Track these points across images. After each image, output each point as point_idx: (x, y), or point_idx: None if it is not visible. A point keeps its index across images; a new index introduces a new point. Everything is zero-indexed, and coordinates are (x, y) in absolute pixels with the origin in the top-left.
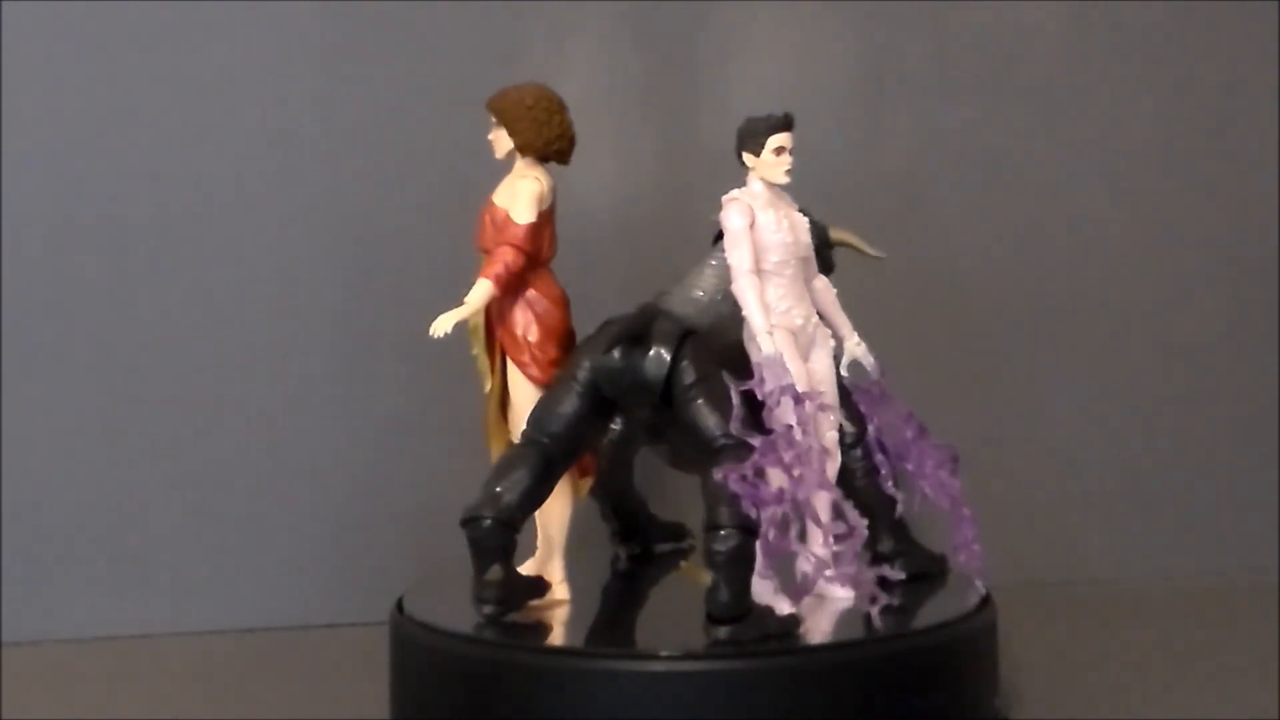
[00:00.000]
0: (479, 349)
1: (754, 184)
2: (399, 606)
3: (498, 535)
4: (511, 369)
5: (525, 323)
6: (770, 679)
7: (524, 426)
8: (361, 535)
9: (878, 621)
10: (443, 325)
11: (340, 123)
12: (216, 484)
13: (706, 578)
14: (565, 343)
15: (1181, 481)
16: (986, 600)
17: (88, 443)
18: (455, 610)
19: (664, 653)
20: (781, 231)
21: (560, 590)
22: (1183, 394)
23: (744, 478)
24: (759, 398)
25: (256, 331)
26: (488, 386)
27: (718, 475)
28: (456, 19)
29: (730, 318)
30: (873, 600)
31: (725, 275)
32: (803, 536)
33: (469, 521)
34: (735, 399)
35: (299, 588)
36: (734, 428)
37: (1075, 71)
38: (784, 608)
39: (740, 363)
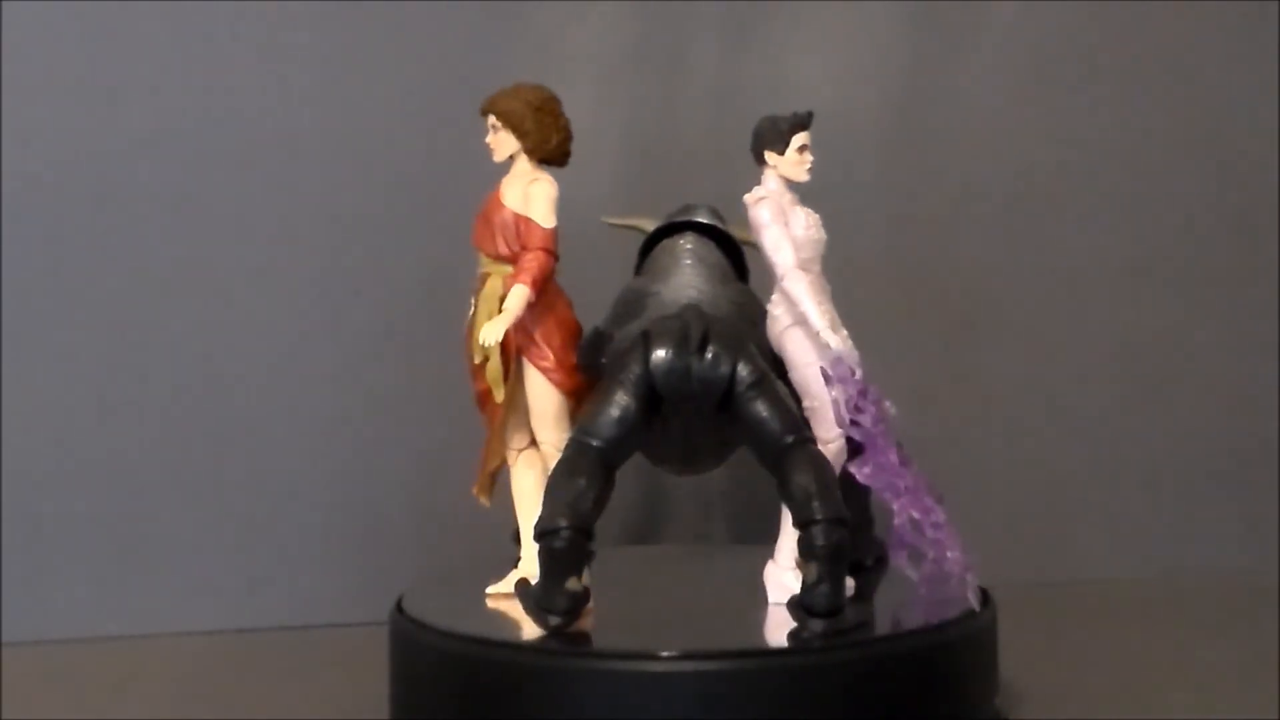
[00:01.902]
0: (483, 357)
1: (771, 182)
2: (399, 606)
3: (578, 545)
4: (534, 375)
5: (548, 328)
6: (770, 679)
7: (549, 433)
8: (361, 535)
9: (975, 602)
10: (493, 334)
11: (338, 123)
12: (216, 484)
13: (813, 572)
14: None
15: (1181, 481)
16: (986, 600)
17: (88, 442)
18: (455, 610)
19: (664, 653)
20: (811, 228)
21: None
22: (1183, 394)
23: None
24: (845, 394)
25: (257, 332)
26: (501, 395)
27: (855, 471)
28: (457, 18)
29: (736, 316)
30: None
31: (712, 274)
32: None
33: (548, 533)
34: (834, 396)
35: (299, 588)
36: (861, 418)
37: (1074, 73)
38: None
39: (769, 360)
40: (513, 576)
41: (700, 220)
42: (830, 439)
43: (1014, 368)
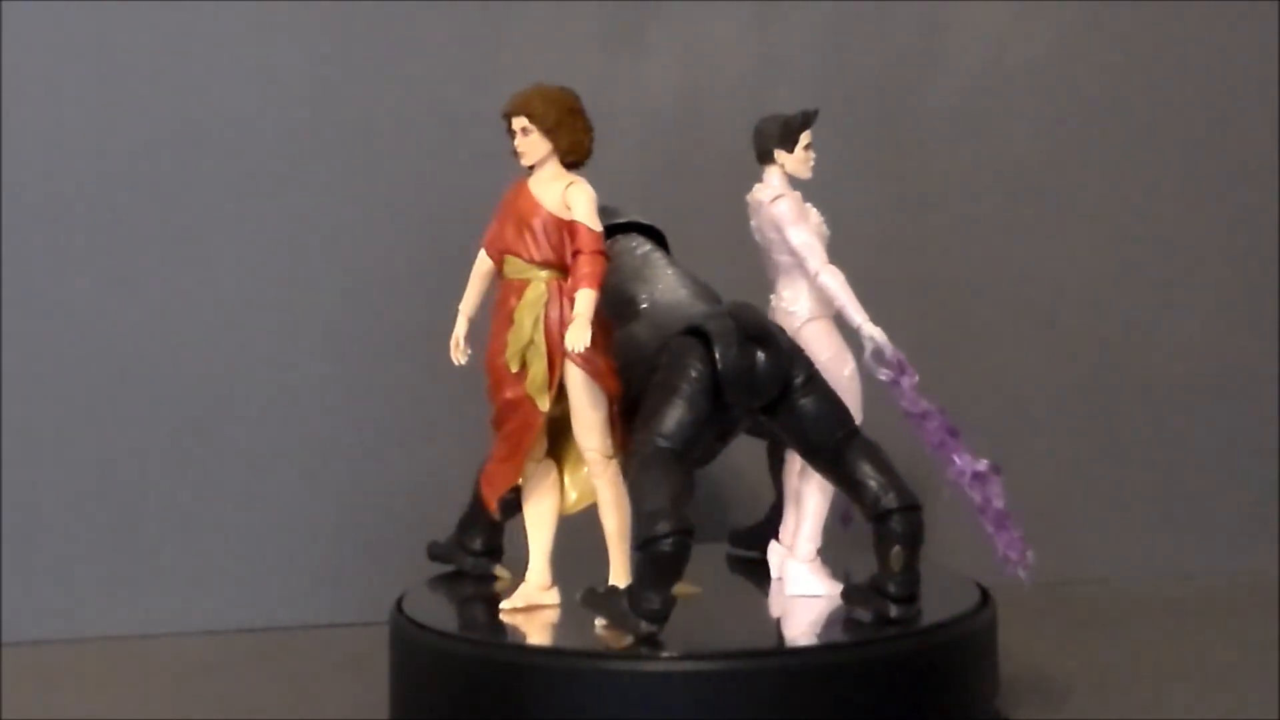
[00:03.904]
0: (518, 364)
1: (775, 180)
2: (399, 606)
3: (685, 548)
4: (582, 381)
5: (593, 333)
6: (770, 679)
7: (595, 439)
8: (361, 535)
9: (1026, 580)
10: (582, 340)
11: (341, 127)
12: (216, 484)
13: (899, 560)
14: None
15: (1181, 481)
16: (986, 600)
17: (88, 443)
18: (455, 610)
19: (664, 653)
20: (823, 224)
21: (553, 596)
22: (1183, 394)
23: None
24: (911, 383)
25: (256, 331)
26: (546, 405)
27: (956, 460)
28: (461, 18)
29: None
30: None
31: (687, 273)
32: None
33: (653, 540)
34: (904, 385)
35: (299, 588)
36: (928, 406)
37: (1072, 73)
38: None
39: None
40: (523, 590)
41: (642, 222)
42: None
43: (1013, 368)
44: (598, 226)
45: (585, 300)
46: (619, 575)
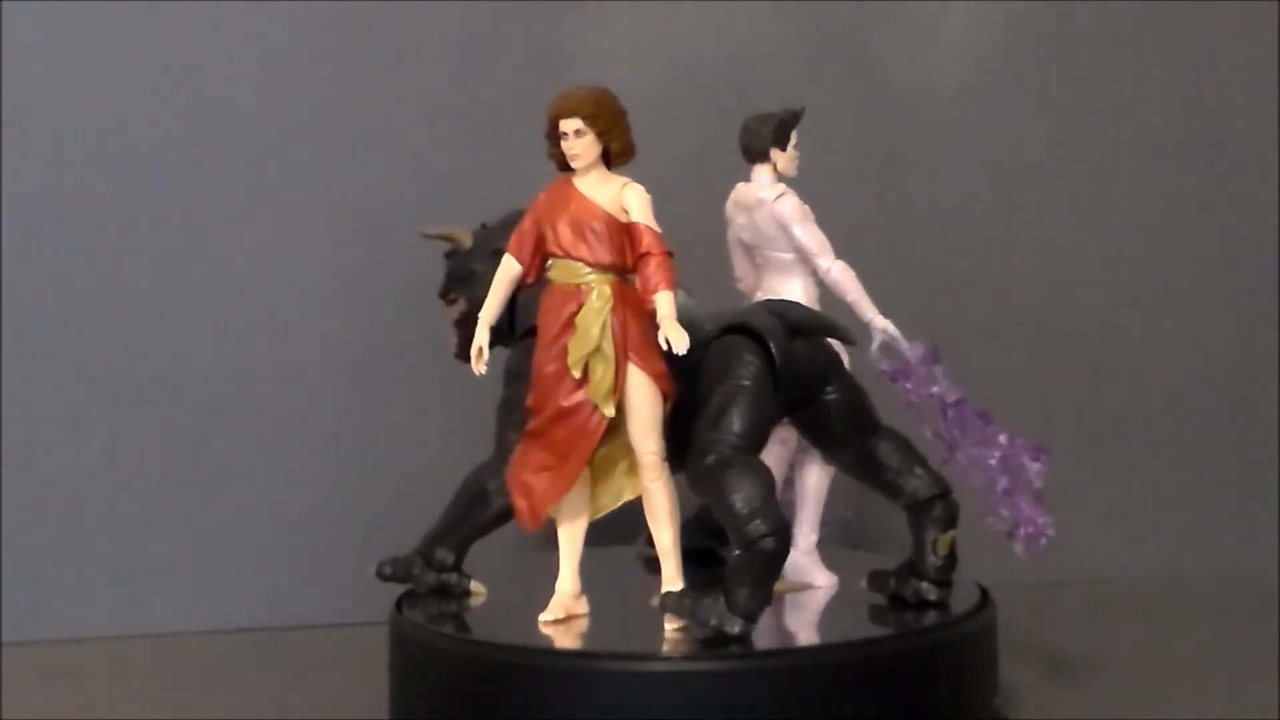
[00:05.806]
0: (580, 370)
1: (766, 178)
2: (399, 606)
3: (787, 544)
4: (644, 384)
5: (650, 335)
6: (771, 679)
7: (653, 442)
8: (361, 535)
9: (1024, 557)
10: (683, 340)
11: (340, 129)
12: (216, 484)
13: (946, 544)
14: None
15: (1181, 481)
16: (986, 600)
17: (88, 443)
18: (454, 611)
19: (664, 653)
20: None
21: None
22: (1182, 394)
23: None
24: (938, 373)
25: (257, 332)
26: (611, 410)
27: (1003, 444)
28: (464, 19)
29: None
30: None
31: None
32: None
33: (758, 539)
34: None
35: (299, 588)
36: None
37: (1072, 72)
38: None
39: None
40: (558, 600)
41: None
42: None
43: (1011, 368)
44: (658, 227)
45: (667, 301)
46: (673, 582)
